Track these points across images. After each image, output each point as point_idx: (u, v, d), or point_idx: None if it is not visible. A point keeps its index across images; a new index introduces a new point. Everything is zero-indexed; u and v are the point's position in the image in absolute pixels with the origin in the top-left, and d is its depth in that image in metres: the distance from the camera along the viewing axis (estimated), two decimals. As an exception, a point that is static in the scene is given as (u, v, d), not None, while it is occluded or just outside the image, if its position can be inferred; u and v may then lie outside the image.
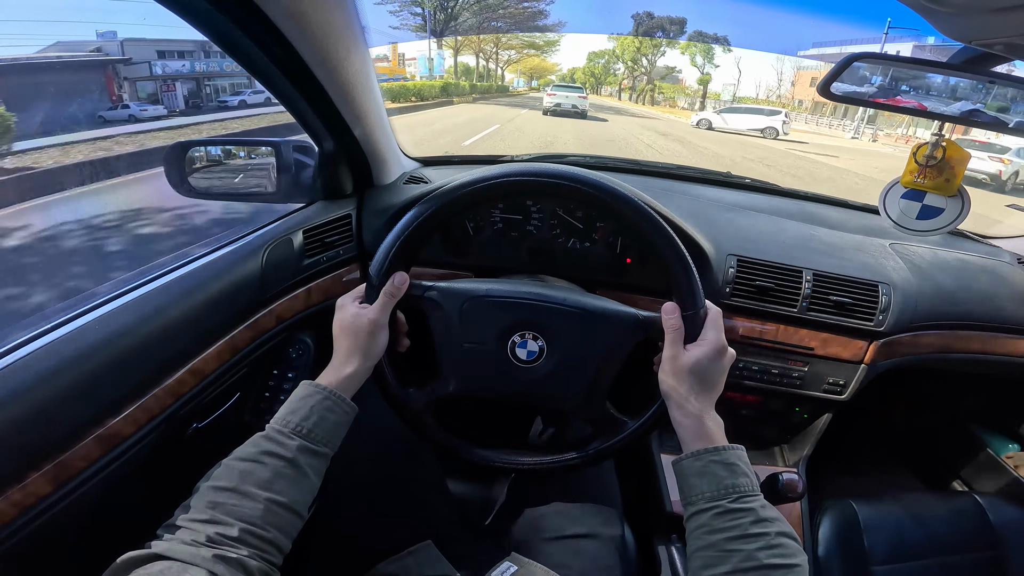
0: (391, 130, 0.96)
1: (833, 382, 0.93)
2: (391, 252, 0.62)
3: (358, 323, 0.60)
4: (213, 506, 0.45)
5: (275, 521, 0.47)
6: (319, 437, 0.53)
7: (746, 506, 0.49)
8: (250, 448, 0.50)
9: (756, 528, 0.47)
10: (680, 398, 0.57)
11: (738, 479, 0.51)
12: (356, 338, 0.60)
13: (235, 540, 0.43)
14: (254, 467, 0.48)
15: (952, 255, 1.05)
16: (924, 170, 0.65)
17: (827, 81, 0.58)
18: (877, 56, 0.57)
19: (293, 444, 0.51)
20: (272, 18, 0.57)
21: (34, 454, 0.50)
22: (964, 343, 1.00)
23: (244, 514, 0.45)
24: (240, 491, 0.46)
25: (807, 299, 0.89)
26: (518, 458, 0.70)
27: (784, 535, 0.48)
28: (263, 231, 0.81)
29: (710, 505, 0.50)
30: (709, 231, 0.94)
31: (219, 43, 0.61)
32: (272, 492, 0.47)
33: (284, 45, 0.61)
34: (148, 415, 0.61)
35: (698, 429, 0.55)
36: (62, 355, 0.52)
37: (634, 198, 0.61)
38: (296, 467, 0.50)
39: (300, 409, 0.53)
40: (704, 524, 0.49)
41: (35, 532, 0.50)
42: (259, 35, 0.60)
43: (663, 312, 0.61)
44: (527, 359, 0.65)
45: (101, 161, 5.30)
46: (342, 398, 0.57)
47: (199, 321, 0.68)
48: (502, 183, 0.62)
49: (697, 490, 0.51)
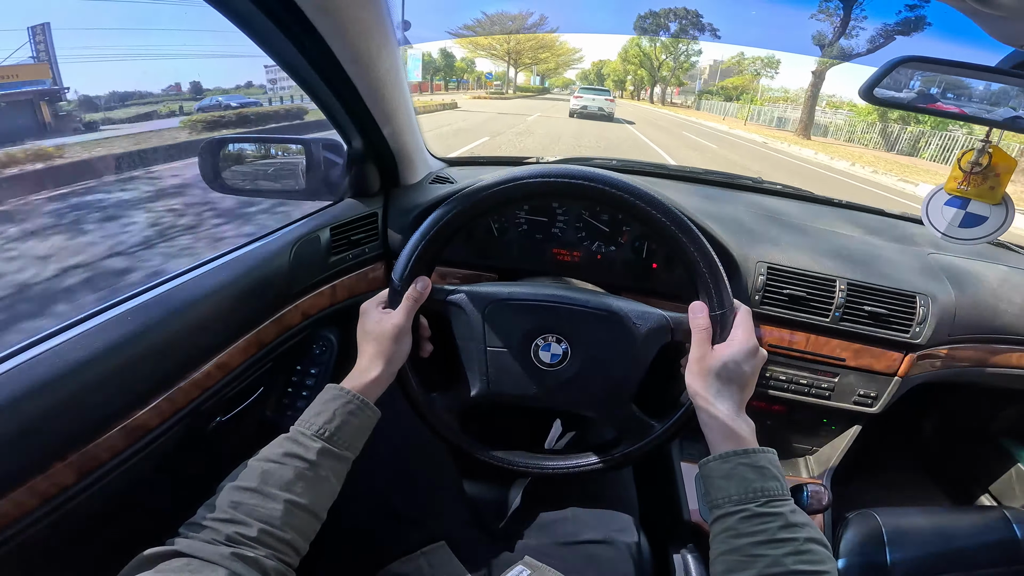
0: (419, 130, 0.97)
1: (864, 394, 0.91)
2: (413, 256, 0.62)
3: (381, 328, 0.61)
4: (235, 506, 0.45)
5: (293, 522, 0.47)
6: (341, 441, 0.54)
7: (775, 510, 0.47)
8: (274, 448, 0.51)
9: (784, 533, 0.46)
10: (708, 399, 0.55)
11: (767, 483, 0.49)
12: (380, 343, 0.60)
13: (253, 540, 0.44)
14: (276, 468, 0.49)
15: (993, 267, 1.01)
16: (968, 177, 0.63)
17: (871, 84, 0.56)
18: (923, 60, 0.55)
19: (315, 447, 0.51)
20: (307, 14, 0.57)
21: (61, 443, 0.50)
22: (1003, 358, 0.96)
23: (263, 515, 0.46)
24: (261, 492, 0.47)
25: (840, 308, 0.87)
26: (543, 462, 0.69)
27: (813, 541, 0.46)
28: (292, 227, 0.82)
29: (737, 508, 0.48)
30: (738, 236, 0.92)
31: (256, 40, 0.62)
32: (292, 493, 0.48)
33: (317, 41, 0.62)
34: (174, 407, 0.61)
35: (726, 430, 0.53)
36: (93, 346, 0.53)
37: (662, 200, 0.60)
38: (317, 469, 0.51)
39: (324, 412, 0.54)
40: (730, 528, 0.48)
41: (57, 522, 0.50)
42: (294, 31, 0.60)
43: (690, 311, 0.60)
44: (551, 362, 0.64)
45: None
46: (366, 402, 0.57)
47: (227, 315, 0.69)
48: (527, 184, 0.61)
49: (724, 492, 0.50)
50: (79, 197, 4.76)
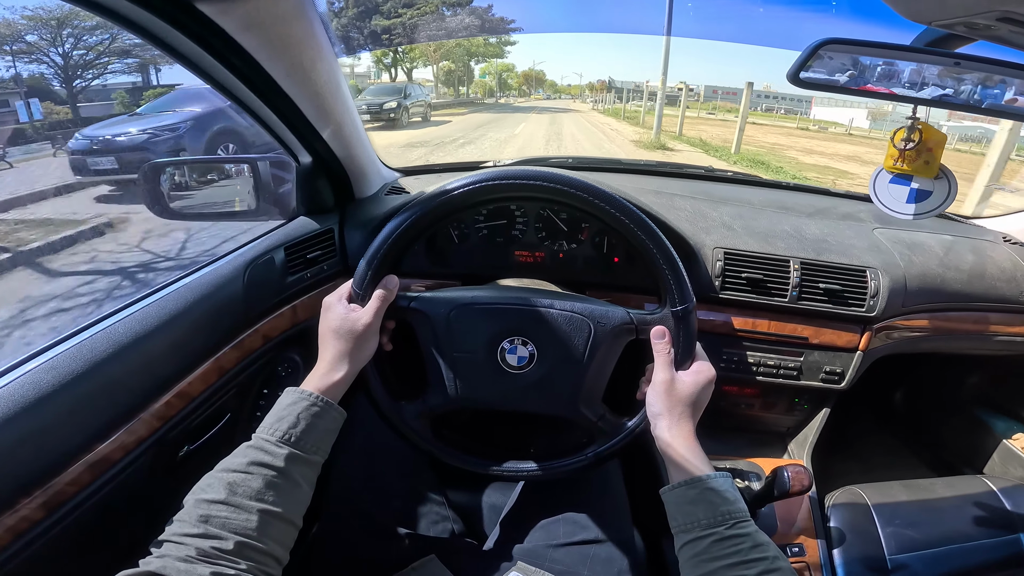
0: (368, 141, 0.96)
1: (830, 371, 0.93)
2: (382, 250, 0.61)
3: (348, 326, 0.59)
4: (205, 519, 0.44)
5: (271, 532, 0.46)
6: (308, 445, 0.52)
7: (743, 531, 0.49)
8: (238, 459, 0.49)
9: (755, 553, 0.47)
10: (671, 422, 0.58)
11: (731, 505, 0.51)
12: (345, 342, 0.59)
13: (231, 553, 0.42)
14: (243, 478, 0.47)
15: (937, 237, 1.05)
16: (903, 154, 0.65)
17: (796, 69, 0.58)
18: (844, 41, 0.57)
19: (282, 453, 0.50)
20: (230, 32, 0.57)
21: (24, 481, 0.50)
22: (958, 324, 0.99)
23: (238, 527, 0.44)
24: (231, 503, 0.45)
25: (796, 288, 0.89)
26: (516, 466, 0.69)
27: (779, 559, 0.48)
28: (243, 250, 0.80)
29: (707, 532, 0.50)
30: (693, 225, 0.94)
31: (182, 62, 0.61)
32: (265, 503, 0.46)
33: (246, 59, 0.61)
34: (136, 439, 0.60)
35: (687, 454, 0.56)
36: (43, 384, 0.52)
37: (620, 199, 0.61)
38: (287, 476, 0.49)
39: (287, 416, 0.52)
40: (701, 552, 0.49)
41: (31, 557, 0.49)
42: (219, 51, 0.59)
43: (652, 337, 0.62)
44: (518, 365, 0.64)
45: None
46: (330, 403, 0.55)
47: (182, 344, 0.67)
48: (488, 186, 0.62)
49: (692, 518, 0.51)
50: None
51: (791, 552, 0.85)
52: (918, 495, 0.97)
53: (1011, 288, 1.00)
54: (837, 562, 0.86)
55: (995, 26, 0.45)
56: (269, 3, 0.56)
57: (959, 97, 0.59)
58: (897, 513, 0.92)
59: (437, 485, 0.79)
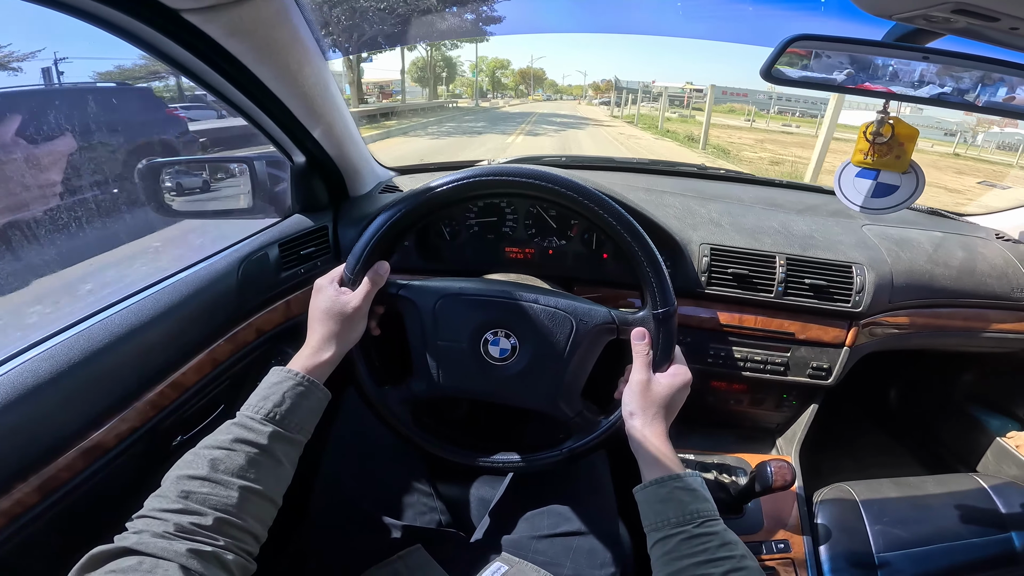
0: (361, 140, 0.99)
1: (817, 367, 0.93)
2: (375, 237, 0.63)
3: (338, 308, 0.60)
4: (185, 495, 0.44)
5: (251, 510, 0.46)
6: (292, 424, 0.52)
7: (711, 530, 0.50)
8: (221, 435, 0.49)
9: (723, 552, 0.49)
10: (645, 421, 0.59)
11: (700, 504, 0.52)
12: (335, 324, 0.60)
13: (209, 529, 0.42)
14: (226, 454, 0.47)
15: (927, 234, 1.05)
16: (873, 148, 0.65)
17: (768, 65, 0.59)
18: (814, 37, 0.58)
19: (266, 431, 0.50)
20: (216, 39, 0.59)
21: (20, 466, 0.51)
22: (947, 320, 0.99)
23: (218, 503, 0.44)
24: (212, 479, 0.45)
25: (782, 283, 0.89)
26: (493, 457, 0.70)
27: (747, 557, 0.49)
28: (238, 246, 0.83)
29: (676, 531, 0.51)
30: (681, 222, 0.95)
31: (173, 66, 0.63)
32: (246, 480, 0.47)
33: (234, 63, 0.63)
34: (130, 427, 0.62)
35: (659, 452, 0.57)
36: (39, 373, 0.54)
37: (608, 200, 0.62)
38: (270, 454, 0.50)
39: (272, 395, 0.53)
40: (671, 550, 0.50)
41: (25, 541, 0.51)
42: (208, 56, 0.62)
43: (632, 338, 0.63)
44: (500, 357, 0.66)
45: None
46: (315, 383, 0.56)
47: (177, 336, 0.69)
48: (477, 182, 0.64)
49: (662, 516, 0.52)
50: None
51: (776, 548, 0.85)
52: (908, 493, 0.96)
53: (1002, 285, 0.99)
54: (823, 558, 0.86)
55: (953, 18, 0.46)
56: (252, 10, 0.57)
57: (929, 91, 0.60)
58: (886, 510, 0.92)
59: (426, 477, 0.80)
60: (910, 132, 0.64)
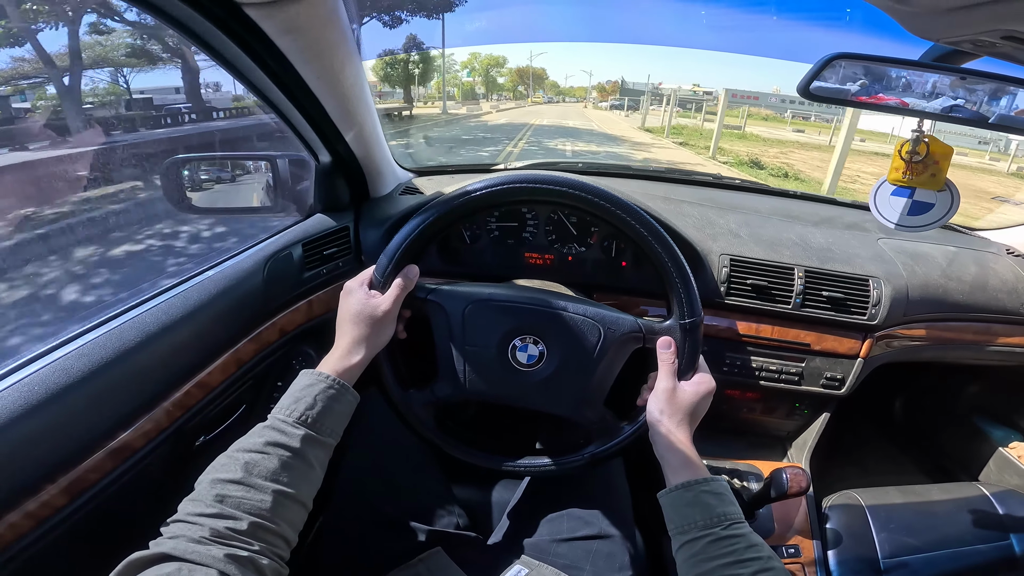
0: (385, 142, 0.98)
1: (831, 377, 0.94)
2: (406, 241, 0.63)
3: (369, 311, 0.60)
4: (220, 499, 0.43)
5: (284, 514, 0.46)
6: (324, 427, 0.52)
7: (738, 532, 0.51)
8: (254, 439, 0.49)
9: (750, 553, 0.49)
10: (671, 428, 0.60)
11: (727, 507, 0.53)
12: (364, 327, 0.60)
13: (245, 534, 0.42)
14: (260, 458, 0.47)
15: (941, 248, 1.07)
16: (909, 166, 0.66)
17: (807, 81, 0.59)
18: (855, 56, 0.58)
19: (299, 434, 0.50)
20: (269, 35, 0.59)
21: (49, 467, 0.51)
22: (958, 334, 1.01)
23: (252, 507, 0.44)
24: (247, 483, 0.45)
25: (800, 295, 0.90)
26: (518, 461, 0.71)
27: (773, 559, 0.50)
28: (263, 245, 0.82)
29: (704, 533, 0.51)
30: (701, 232, 0.96)
31: (219, 61, 0.63)
32: (280, 484, 0.46)
33: (281, 61, 0.63)
34: (158, 428, 0.62)
35: (685, 458, 0.58)
36: (72, 372, 0.53)
37: (637, 208, 0.63)
38: (302, 458, 0.49)
39: (304, 398, 0.53)
40: (698, 552, 0.51)
41: (53, 543, 0.51)
42: (257, 52, 0.61)
43: (658, 347, 0.64)
44: (527, 363, 0.66)
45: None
46: (345, 386, 0.56)
47: (205, 335, 0.69)
48: (517, 187, 0.64)
49: (690, 519, 0.53)
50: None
51: (787, 552, 0.87)
52: (913, 500, 0.98)
53: (1012, 300, 1.01)
54: (832, 563, 0.88)
55: (999, 44, 0.47)
56: (309, 8, 0.57)
57: (967, 110, 0.61)
58: (892, 517, 0.94)
59: (445, 481, 0.81)
60: (945, 151, 0.65)
